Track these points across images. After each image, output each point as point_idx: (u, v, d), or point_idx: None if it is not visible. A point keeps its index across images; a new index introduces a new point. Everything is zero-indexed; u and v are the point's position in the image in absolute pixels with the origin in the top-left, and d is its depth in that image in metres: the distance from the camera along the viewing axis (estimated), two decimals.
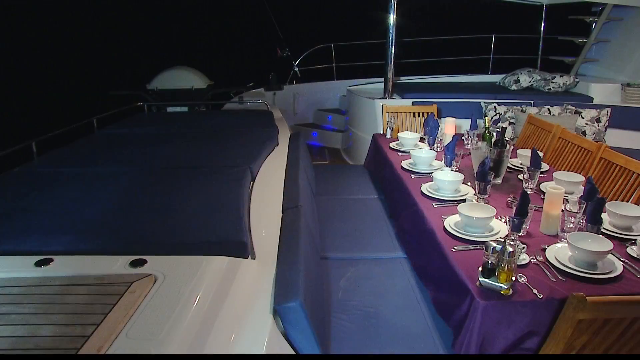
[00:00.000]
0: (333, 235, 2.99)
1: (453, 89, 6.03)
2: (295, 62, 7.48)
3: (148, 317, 1.48)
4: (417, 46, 7.92)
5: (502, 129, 2.95)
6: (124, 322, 1.44)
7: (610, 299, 1.49)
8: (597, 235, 2.14)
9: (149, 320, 1.46)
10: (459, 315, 1.89)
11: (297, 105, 7.30)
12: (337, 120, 7.12)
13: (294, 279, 1.88)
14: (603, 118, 5.48)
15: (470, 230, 2.28)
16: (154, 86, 5.55)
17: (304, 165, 3.42)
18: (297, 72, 7.48)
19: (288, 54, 7.49)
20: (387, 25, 5.31)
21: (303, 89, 7.41)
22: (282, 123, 4.54)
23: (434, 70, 7.17)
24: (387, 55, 5.37)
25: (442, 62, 7.88)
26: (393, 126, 3.96)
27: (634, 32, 6.25)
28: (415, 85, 6.29)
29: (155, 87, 5.55)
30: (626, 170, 3.06)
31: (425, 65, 7.75)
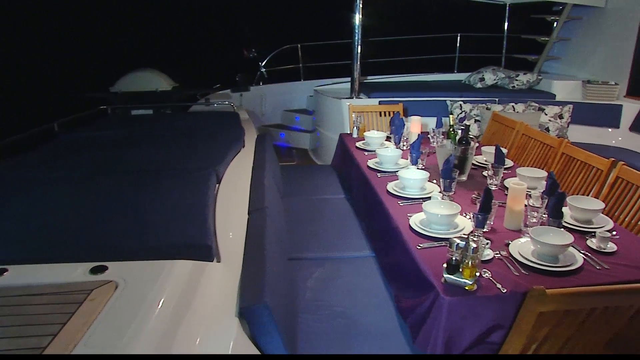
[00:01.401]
0: (301, 236, 2.98)
1: (420, 88, 6.08)
2: (262, 63, 7.44)
3: (108, 324, 1.44)
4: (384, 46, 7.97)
5: (466, 127, 2.99)
6: (83, 331, 1.40)
7: (569, 291, 1.52)
8: (558, 229, 2.18)
9: (109, 327, 1.43)
10: (421, 312, 1.89)
11: (265, 106, 7.27)
12: (304, 121, 7.11)
13: (260, 281, 1.86)
14: (565, 114, 5.60)
15: (436, 228, 2.29)
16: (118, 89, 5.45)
17: (271, 166, 3.40)
18: (264, 73, 7.44)
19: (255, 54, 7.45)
20: (353, 25, 5.31)
21: (270, 90, 7.37)
22: (249, 124, 4.51)
23: (400, 70, 7.22)
24: (353, 55, 5.39)
25: (408, 61, 7.93)
26: (359, 126, 3.97)
27: (592, 30, 6.41)
28: (382, 85, 6.33)
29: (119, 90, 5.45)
30: (586, 165, 3.13)
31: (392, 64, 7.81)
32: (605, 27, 6.20)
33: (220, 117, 4.78)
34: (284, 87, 7.49)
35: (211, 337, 1.63)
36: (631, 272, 2.00)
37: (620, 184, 2.84)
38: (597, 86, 5.91)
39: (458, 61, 7.56)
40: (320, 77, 7.11)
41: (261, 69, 7.43)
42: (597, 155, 3.09)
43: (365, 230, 3.00)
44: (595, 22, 6.37)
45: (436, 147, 3.23)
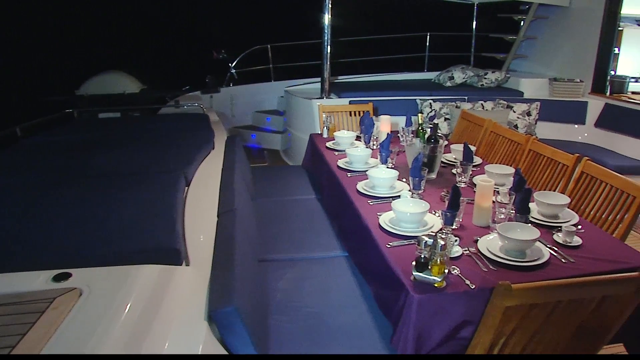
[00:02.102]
0: (272, 237, 2.96)
1: (390, 87, 6.12)
2: (232, 64, 7.39)
3: (72, 333, 1.40)
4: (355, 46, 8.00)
5: (434, 125, 3.00)
6: (44, 341, 1.36)
7: (534, 285, 1.54)
8: (525, 225, 2.21)
9: (72, 336, 1.39)
10: (397, 309, 1.90)
11: (235, 107, 7.22)
12: (275, 122, 7.08)
13: (229, 283, 1.84)
14: (533, 111, 5.69)
15: (405, 226, 2.30)
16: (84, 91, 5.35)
17: (241, 168, 3.37)
18: (234, 74, 7.39)
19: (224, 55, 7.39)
20: (322, 25, 5.31)
21: (241, 91, 7.32)
22: (219, 126, 4.47)
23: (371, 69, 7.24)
24: (323, 55, 5.38)
25: (379, 60, 7.98)
26: (329, 125, 3.97)
27: (558, 29, 6.54)
28: (353, 85, 6.34)
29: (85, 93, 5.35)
30: (553, 161, 3.19)
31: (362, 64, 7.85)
32: (570, 25, 6.33)
33: (190, 119, 4.73)
34: (255, 88, 7.46)
35: (180, 342, 1.60)
36: (595, 265, 2.04)
37: (585, 178, 2.89)
38: (563, 84, 6.03)
39: (428, 60, 7.63)
40: (291, 78, 7.09)
41: (231, 70, 7.38)
42: (562, 151, 3.15)
43: (336, 230, 3.00)
44: (560, 21, 6.50)
45: (405, 145, 3.24)
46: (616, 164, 4.79)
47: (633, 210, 2.53)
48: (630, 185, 2.59)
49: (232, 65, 7.39)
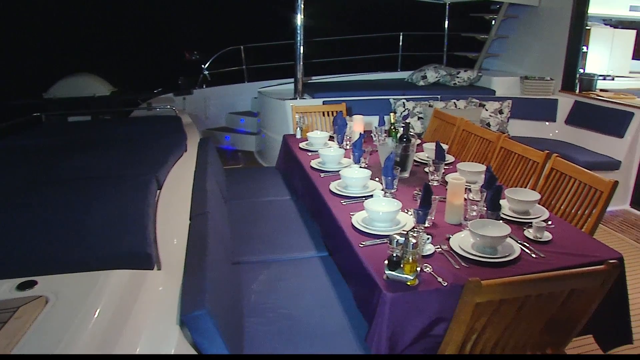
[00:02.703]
0: (246, 240, 2.94)
1: (364, 87, 6.13)
2: (205, 66, 7.32)
3: (37, 342, 1.37)
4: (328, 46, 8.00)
5: (406, 125, 3.02)
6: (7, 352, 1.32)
7: (503, 281, 1.55)
8: (496, 221, 2.24)
9: (37, 345, 1.36)
10: (371, 308, 1.90)
11: (209, 109, 7.16)
12: (249, 123, 7.04)
13: (201, 287, 1.82)
14: (505, 109, 5.76)
15: (378, 225, 2.30)
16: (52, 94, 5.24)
17: (214, 170, 3.34)
18: (207, 76, 7.33)
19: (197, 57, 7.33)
20: (295, 26, 5.29)
21: (214, 93, 7.26)
22: (192, 128, 4.43)
23: (345, 69, 7.25)
24: (296, 56, 5.37)
25: (353, 60, 7.99)
26: (303, 126, 3.96)
27: (528, 28, 6.64)
28: (327, 85, 6.34)
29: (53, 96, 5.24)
30: (523, 158, 3.23)
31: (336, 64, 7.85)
32: (540, 25, 6.43)
33: (162, 122, 4.68)
34: (228, 89, 7.40)
35: (151, 347, 1.59)
36: (565, 259, 2.08)
37: (554, 175, 2.93)
38: (534, 82, 6.11)
39: (401, 60, 7.67)
40: (265, 79, 7.06)
41: (204, 71, 7.31)
42: (532, 149, 3.19)
43: (310, 231, 3.00)
44: (530, 20, 6.60)
45: (378, 145, 3.25)
46: (586, 160, 4.88)
47: (600, 205, 2.58)
48: (597, 181, 2.63)
49: (205, 66, 7.31)
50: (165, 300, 1.84)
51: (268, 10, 9.16)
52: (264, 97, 6.00)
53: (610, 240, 4.35)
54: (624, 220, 4.86)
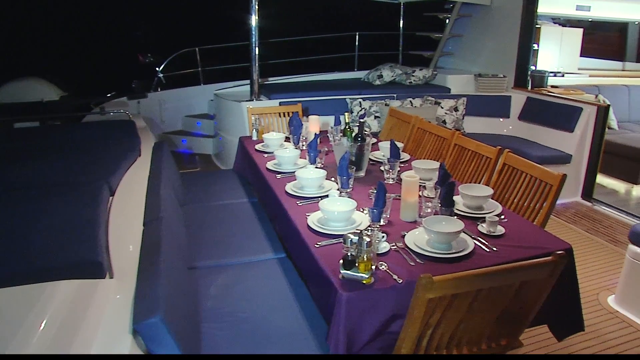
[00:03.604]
0: (203, 244, 2.90)
1: (321, 87, 6.13)
2: (159, 68, 7.18)
3: None
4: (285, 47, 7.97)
5: (361, 124, 3.03)
6: None
7: (454, 276, 1.57)
8: (450, 217, 2.26)
9: None
10: (329, 308, 1.90)
11: (164, 112, 7.03)
12: (206, 126, 6.94)
13: (154, 293, 1.78)
14: (460, 107, 5.85)
15: (333, 225, 2.30)
16: None
17: (168, 174, 3.28)
18: (162, 79, 7.19)
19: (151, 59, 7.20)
20: (250, 27, 5.26)
21: (169, 96, 7.13)
22: (146, 132, 4.35)
23: (302, 70, 7.23)
24: (251, 57, 5.33)
25: (310, 61, 7.98)
26: (259, 128, 3.93)
27: (481, 27, 6.77)
28: (283, 86, 6.32)
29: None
30: (477, 154, 3.28)
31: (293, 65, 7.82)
32: (492, 23, 6.56)
33: (115, 127, 4.58)
34: (184, 92, 7.28)
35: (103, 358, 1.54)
36: (517, 252, 2.12)
37: (507, 170, 2.99)
38: (488, 79, 6.24)
39: (358, 59, 7.70)
40: (221, 81, 6.97)
41: (158, 74, 7.17)
42: (485, 145, 3.24)
43: (268, 233, 2.97)
44: (483, 19, 6.73)
45: (333, 145, 3.25)
46: (538, 155, 5.00)
47: (551, 198, 2.64)
48: (547, 175, 2.69)
49: (159, 69, 7.18)
50: (117, 309, 1.80)
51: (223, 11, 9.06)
52: (220, 100, 5.94)
53: (562, 231, 4.47)
54: (576, 212, 5.00)
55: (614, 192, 5.83)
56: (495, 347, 1.99)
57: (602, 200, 5.28)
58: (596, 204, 5.21)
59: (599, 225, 4.67)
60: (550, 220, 4.65)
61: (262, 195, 3.32)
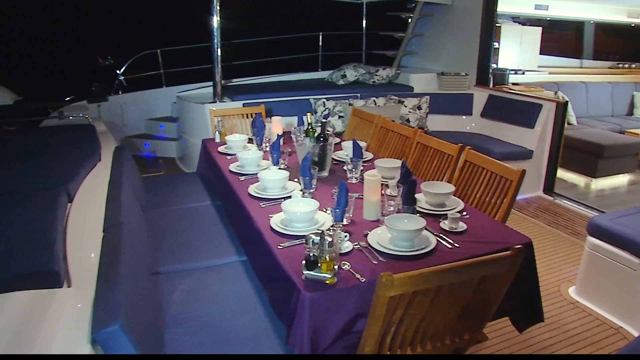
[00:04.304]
0: (166, 249, 2.85)
1: (284, 88, 6.11)
2: (120, 71, 7.04)
3: None
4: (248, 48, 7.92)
5: (322, 124, 3.02)
6: None
7: (414, 273, 1.58)
8: (412, 215, 2.28)
9: None
10: (290, 310, 1.88)
11: (126, 115, 6.90)
12: (169, 129, 6.83)
13: (114, 301, 1.74)
14: (424, 105, 5.91)
15: (296, 226, 2.29)
16: None
17: (130, 179, 3.22)
18: (123, 81, 7.05)
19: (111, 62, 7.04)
20: (212, 28, 5.20)
21: (131, 99, 6.99)
22: (106, 137, 4.27)
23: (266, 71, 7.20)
24: (213, 59, 5.28)
25: (274, 62, 7.96)
26: (221, 130, 3.89)
27: (443, 26, 6.86)
28: (247, 87, 6.28)
29: None
30: (439, 151, 3.31)
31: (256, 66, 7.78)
32: (454, 22, 6.65)
33: (74, 131, 4.47)
34: (146, 94, 7.15)
35: None
36: (479, 247, 2.14)
37: (468, 167, 3.03)
38: (450, 77, 6.32)
39: (322, 60, 7.71)
40: (184, 83, 6.88)
41: (119, 76, 7.03)
42: (447, 142, 3.27)
43: (231, 236, 2.94)
44: (445, 18, 6.81)
45: (296, 145, 3.24)
46: (501, 151, 5.09)
47: (511, 193, 2.68)
48: (507, 171, 2.73)
49: (120, 71, 7.03)
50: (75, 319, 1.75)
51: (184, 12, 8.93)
52: (183, 102, 5.87)
53: (525, 225, 4.56)
54: (538, 206, 5.10)
55: (574, 185, 5.98)
56: (459, 341, 2.01)
57: (562, 194, 5.41)
58: (557, 198, 5.33)
59: (560, 219, 4.77)
60: (514, 214, 4.75)
61: (221, 198, 3.29)
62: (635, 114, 8.10)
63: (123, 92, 7.01)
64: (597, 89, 7.94)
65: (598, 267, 3.26)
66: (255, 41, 7.87)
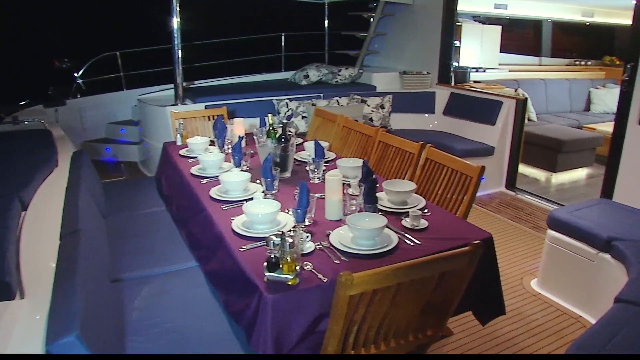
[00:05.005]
0: (126, 255, 2.80)
1: (247, 89, 6.07)
2: (78, 74, 6.87)
3: None
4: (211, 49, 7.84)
5: (283, 124, 3.01)
6: None
7: (373, 272, 1.58)
8: (374, 214, 2.28)
9: None
10: (251, 313, 1.87)
11: (86, 120, 6.73)
12: (131, 132, 6.70)
13: (70, 311, 1.69)
14: (386, 104, 5.94)
15: (258, 228, 2.27)
16: None
17: (88, 184, 3.15)
18: (82, 85, 6.88)
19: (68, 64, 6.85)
20: (172, 29, 5.13)
21: (90, 102, 6.82)
22: (64, 142, 4.16)
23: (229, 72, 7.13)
24: (174, 60, 5.20)
25: (236, 63, 7.91)
26: (182, 132, 3.83)
27: (405, 25, 6.93)
28: (209, 89, 6.21)
29: None
30: (400, 150, 3.33)
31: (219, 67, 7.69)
32: (415, 22, 6.73)
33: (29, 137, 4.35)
34: (106, 98, 6.99)
35: None
36: (440, 244, 2.16)
37: (429, 164, 3.05)
38: (412, 76, 6.38)
39: (285, 60, 7.69)
40: (145, 85, 6.76)
41: (77, 80, 6.85)
42: (408, 141, 3.30)
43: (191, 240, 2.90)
44: (406, 17, 6.88)
45: (258, 147, 3.22)
46: (463, 148, 5.16)
47: (471, 190, 2.71)
48: (467, 167, 2.77)
49: (78, 74, 6.85)
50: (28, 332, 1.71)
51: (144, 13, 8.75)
52: (144, 105, 5.77)
53: (488, 221, 4.63)
54: (500, 202, 5.19)
55: (535, 180, 6.11)
56: (422, 337, 2.02)
57: (524, 189, 5.52)
58: (519, 193, 5.43)
59: (522, 213, 4.86)
60: (477, 210, 4.82)
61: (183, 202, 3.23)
62: (591, 109, 8.33)
63: (82, 95, 6.84)
64: (555, 86, 8.14)
65: (558, 259, 3.33)
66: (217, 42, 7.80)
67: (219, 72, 7.08)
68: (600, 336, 2.03)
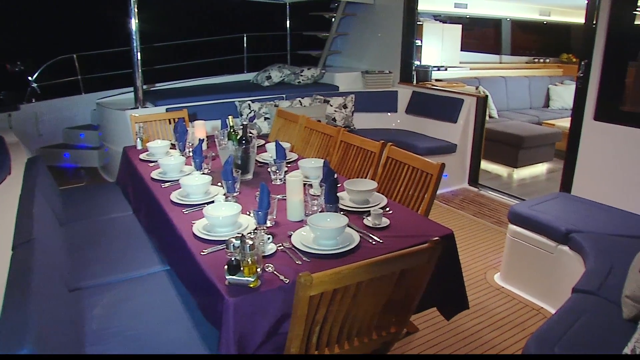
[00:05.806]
0: (86, 263, 2.72)
1: (209, 91, 6.00)
2: (32, 77, 6.66)
3: None
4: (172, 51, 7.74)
5: (244, 126, 2.99)
6: None
7: (332, 271, 1.58)
8: (335, 214, 2.28)
9: None
10: (217, 316, 1.85)
11: (42, 125, 6.54)
12: (90, 137, 6.54)
13: (22, 323, 1.64)
14: (349, 104, 5.97)
15: (220, 231, 2.25)
16: None
17: (44, 191, 3.06)
18: (36, 89, 6.68)
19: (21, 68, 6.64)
20: (130, 31, 5.04)
21: (46, 107, 6.62)
22: (17, 148, 4.03)
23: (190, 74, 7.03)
24: (133, 63, 5.11)
25: (198, 64, 7.82)
26: (142, 136, 3.77)
27: (366, 25, 6.97)
28: (171, 91, 6.12)
29: None
30: (362, 149, 3.34)
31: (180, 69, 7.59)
32: (376, 21, 6.77)
33: None
34: (63, 102, 6.79)
35: None
36: (401, 242, 2.17)
37: (391, 163, 3.07)
38: (375, 75, 6.42)
39: (247, 61, 7.64)
40: (104, 89, 6.61)
41: (32, 84, 6.65)
42: (370, 140, 3.31)
43: (155, 245, 2.85)
44: (367, 17, 6.92)
45: (219, 149, 3.19)
46: (426, 146, 5.21)
47: (432, 187, 2.74)
48: (428, 165, 2.79)
49: (32, 78, 6.65)
50: None
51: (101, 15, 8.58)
52: (103, 109, 5.66)
53: (452, 217, 4.69)
54: (464, 198, 5.26)
55: (497, 176, 6.22)
56: (386, 335, 2.03)
57: (487, 185, 5.61)
58: (482, 189, 5.52)
59: (484, 209, 4.94)
60: (441, 207, 4.88)
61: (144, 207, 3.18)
62: (550, 105, 8.55)
63: (37, 99, 6.64)
64: (515, 83, 8.31)
65: (519, 252, 3.40)
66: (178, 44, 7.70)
67: (180, 74, 6.97)
68: (559, 326, 2.08)
